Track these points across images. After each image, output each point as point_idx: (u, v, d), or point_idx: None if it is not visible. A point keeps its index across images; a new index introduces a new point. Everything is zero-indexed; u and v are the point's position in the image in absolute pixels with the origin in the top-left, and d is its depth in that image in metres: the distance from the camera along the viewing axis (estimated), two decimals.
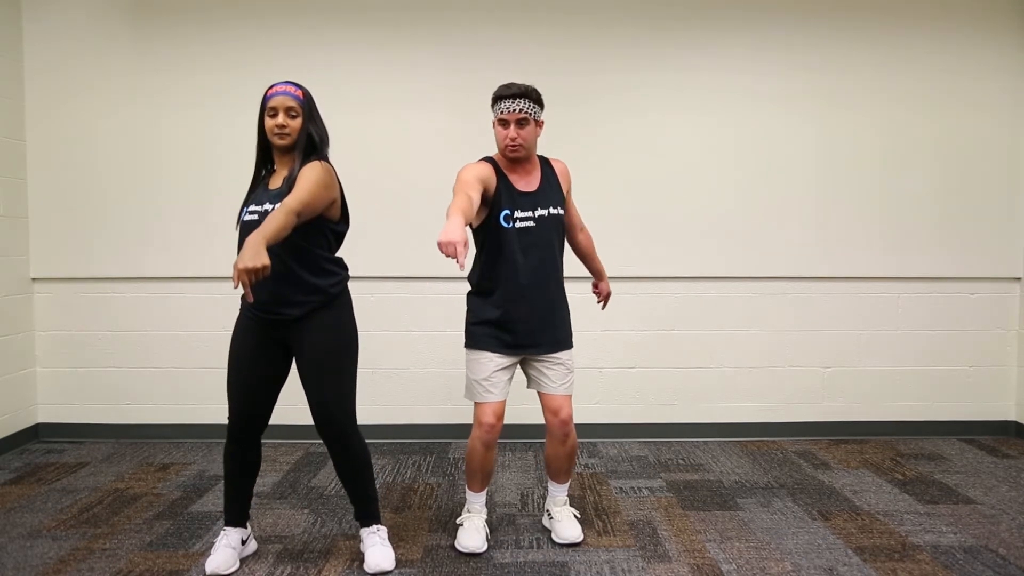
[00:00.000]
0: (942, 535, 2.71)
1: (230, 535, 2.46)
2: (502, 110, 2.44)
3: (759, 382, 4.01)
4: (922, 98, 3.95)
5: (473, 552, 2.54)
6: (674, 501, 3.06)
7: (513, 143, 2.45)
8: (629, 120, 3.90)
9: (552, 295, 2.58)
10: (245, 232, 2.27)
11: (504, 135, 2.46)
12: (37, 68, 3.84)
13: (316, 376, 2.33)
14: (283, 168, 2.36)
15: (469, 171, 2.44)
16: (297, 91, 2.31)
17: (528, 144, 2.48)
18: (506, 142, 2.46)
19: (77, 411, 3.95)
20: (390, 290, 3.93)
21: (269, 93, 2.30)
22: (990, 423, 4.07)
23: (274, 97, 2.28)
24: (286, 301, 2.29)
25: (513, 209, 2.49)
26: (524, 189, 2.53)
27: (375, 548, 2.43)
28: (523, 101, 2.43)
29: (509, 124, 2.44)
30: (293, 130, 2.29)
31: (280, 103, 2.27)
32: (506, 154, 2.49)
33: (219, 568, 2.38)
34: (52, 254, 3.90)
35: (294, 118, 2.29)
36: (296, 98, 2.29)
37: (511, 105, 2.43)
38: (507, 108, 2.43)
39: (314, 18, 3.84)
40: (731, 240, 3.94)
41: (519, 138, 2.44)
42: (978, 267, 4.01)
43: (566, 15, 3.86)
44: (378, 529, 2.49)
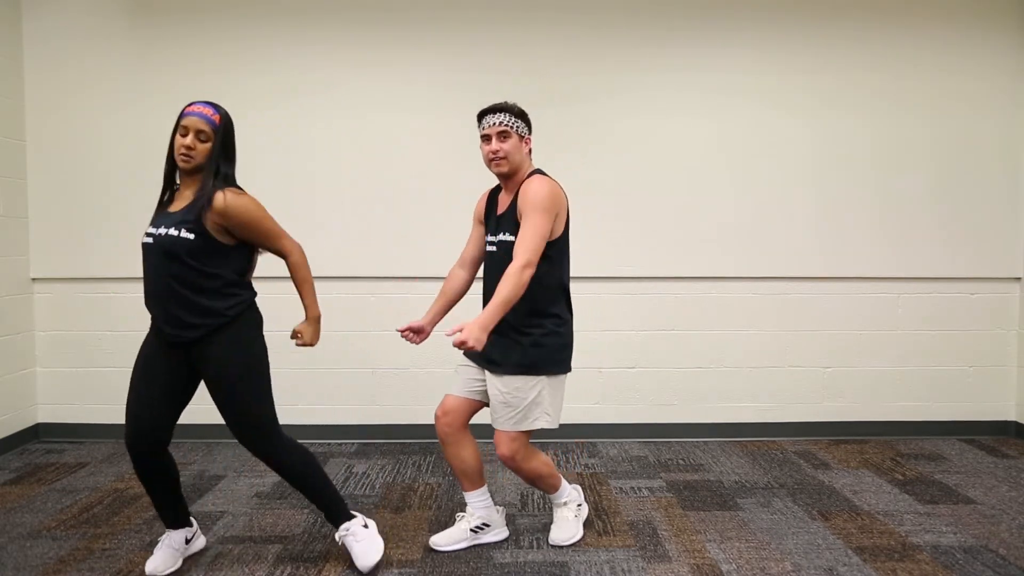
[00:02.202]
0: (942, 535, 2.71)
1: (172, 536, 2.45)
2: (483, 126, 2.43)
3: (759, 382, 4.01)
4: (922, 98, 3.95)
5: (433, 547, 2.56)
6: (674, 501, 3.06)
7: (495, 155, 2.40)
8: (628, 120, 3.90)
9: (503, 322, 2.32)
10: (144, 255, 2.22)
11: (487, 150, 2.42)
12: (37, 68, 3.84)
13: (224, 397, 2.28)
14: (187, 189, 2.26)
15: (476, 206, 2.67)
16: (214, 115, 2.21)
17: (511, 157, 2.40)
18: (489, 156, 2.42)
19: (77, 411, 3.95)
20: (390, 290, 3.92)
21: (186, 111, 2.21)
22: (990, 423, 4.07)
23: (188, 116, 2.19)
24: (180, 323, 2.22)
25: (487, 233, 2.56)
26: (499, 211, 2.52)
27: (356, 547, 2.42)
28: (503, 115, 2.39)
29: (491, 138, 2.41)
30: (199, 154, 2.20)
31: (192, 124, 2.18)
32: (491, 169, 2.45)
33: (158, 569, 2.37)
34: (52, 254, 3.90)
35: (203, 142, 2.20)
36: (211, 123, 2.20)
37: (491, 119, 2.40)
38: (488, 122, 2.41)
39: (314, 18, 3.84)
40: (731, 240, 3.94)
41: (501, 150, 2.39)
42: (978, 267, 4.01)
43: (566, 15, 3.86)
44: (348, 528, 2.44)
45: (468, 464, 2.56)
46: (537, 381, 2.41)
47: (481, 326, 2.20)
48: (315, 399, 3.94)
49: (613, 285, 3.96)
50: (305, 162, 3.88)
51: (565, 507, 2.69)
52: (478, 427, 2.65)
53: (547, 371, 2.42)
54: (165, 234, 2.18)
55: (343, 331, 3.92)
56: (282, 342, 3.94)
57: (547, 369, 2.42)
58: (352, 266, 3.91)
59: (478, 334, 2.18)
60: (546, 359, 2.42)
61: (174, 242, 2.17)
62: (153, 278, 2.22)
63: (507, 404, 2.40)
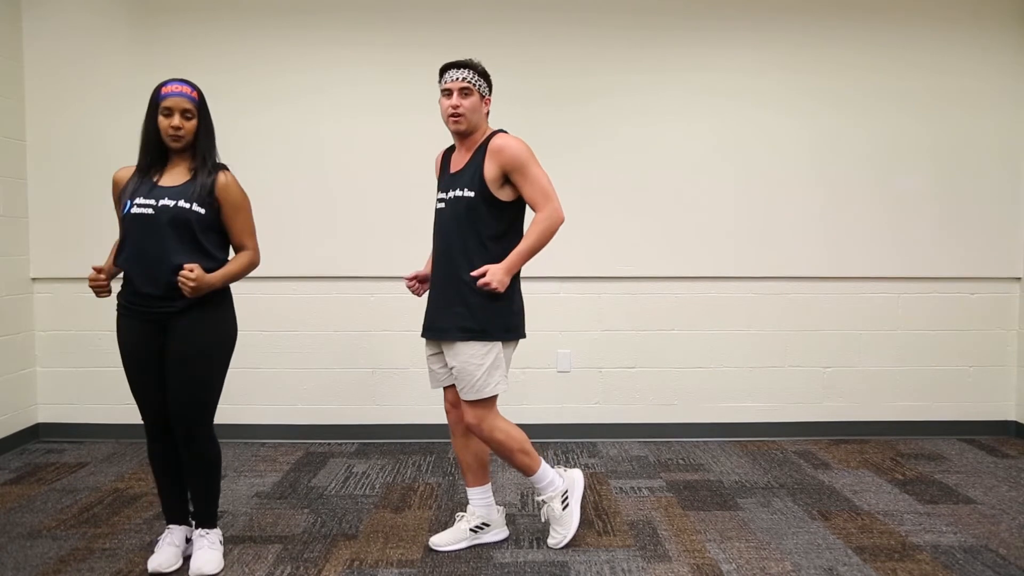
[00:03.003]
0: (942, 535, 2.71)
1: (174, 533, 2.47)
2: (444, 80, 2.41)
3: (759, 382, 4.01)
4: (922, 98, 3.95)
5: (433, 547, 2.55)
6: (674, 501, 3.06)
7: (455, 111, 2.37)
8: (628, 120, 3.89)
9: (451, 282, 2.40)
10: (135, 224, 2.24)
11: (447, 104, 2.39)
12: (37, 68, 3.84)
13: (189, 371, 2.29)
14: (177, 166, 2.32)
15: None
16: (193, 92, 2.28)
17: (470, 115, 2.39)
18: (448, 111, 2.39)
19: (77, 411, 3.95)
20: (390, 290, 3.92)
21: (164, 92, 2.25)
22: (990, 423, 4.07)
23: (169, 97, 2.23)
24: (170, 295, 2.26)
25: (439, 191, 2.51)
26: (453, 169, 2.48)
27: (202, 551, 2.39)
28: (466, 71, 2.38)
29: (452, 93, 2.38)
30: (188, 132, 2.27)
31: (176, 104, 2.23)
32: (448, 125, 2.42)
33: (161, 566, 2.38)
34: (52, 254, 3.90)
35: (189, 120, 2.27)
36: (192, 100, 2.27)
37: (455, 74, 2.39)
38: (450, 77, 2.39)
39: (314, 18, 3.84)
40: (731, 240, 3.94)
41: (461, 107, 2.37)
42: (978, 267, 4.01)
43: (566, 15, 3.86)
44: (207, 533, 2.44)
45: (474, 457, 2.59)
46: (492, 347, 2.40)
47: (505, 269, 2.33)
48: (315, 399, 3.94)
49: (613, 285, 3.96)
50: (305, 162, 3.88)
51: (548, 505, 2.58)
52: None
53: (500, 337, 2.41)
54: (174, 205, 2.24)
55: (343, 331, 3.92)
56: (283, 342, 3.96)
57: (499, 335, 2.41)
58: (352, 266, 3.91)
59: (502, 276, 2.31)
60: (498, 325, 2.41)
61: (185, 214, 2.25)
62: (147, 248, 2.24)
63: (462, 370, 2.39)
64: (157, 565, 2.38)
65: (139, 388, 2.36)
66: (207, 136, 2.34)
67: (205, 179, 2.29)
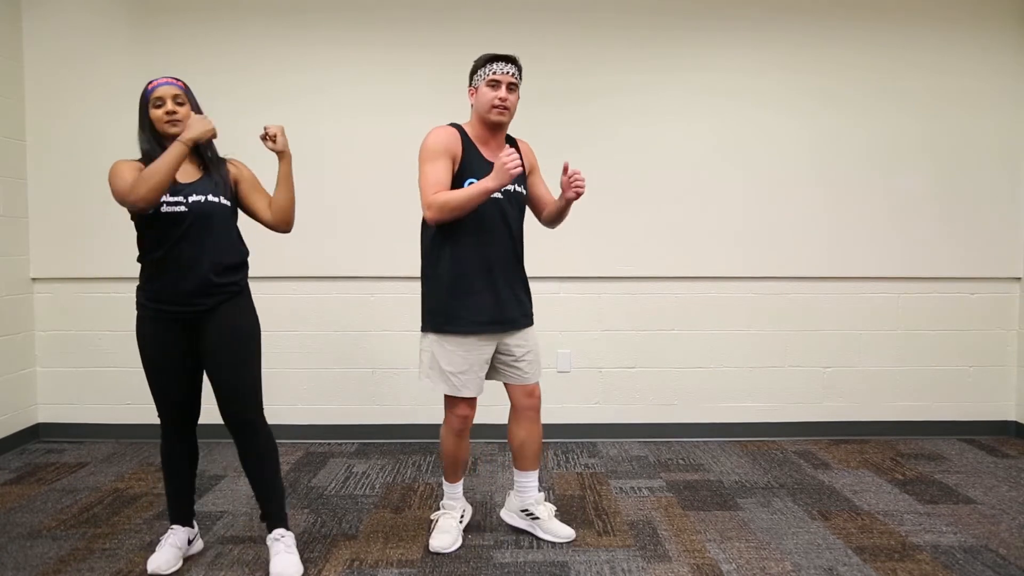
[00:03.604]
0: (942, 535, 2.71)
1: (177, 533, 2.46)
2: (495, 71, 2.40)
3: (759, 382, 4.01)
4: (922, 98, 3.95)
5: (441, 552, 2.54)
6: (674, 501, 3.06)
7: (503, 103, 2.40)
8: (628, 120, 3.89)
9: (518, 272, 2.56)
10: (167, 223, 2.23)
11: (493, 96, 2.40)
12: (37, 68, 3.84)
13: (234, 359, 2.32)
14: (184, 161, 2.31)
15: (436, 140, 2.44)
16: (178, 81, 2.32)
17: (512, 111, 2.45)
18: (495, 102, 2.40)
19: (77, 411, 3.95)
20: (390, 290, 3.92)
21: (151, 87, 2.29)
22: (990, 423, 4.06)
23: (158, 88, 2.27)
24: (204, 291, 2.27)
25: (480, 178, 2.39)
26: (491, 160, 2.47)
27: (279, 556, 2.37)
28: (515, 67, 2.44)
29: (501, 85, 2.40)
30: (184, 116, 2.28)
31: (166, 92, 2.27)
32: (490, 115, 2.42)
33: (160, 568, 2.37)
34: (52, 254, 3.89)
35: (181, 105, 2.29)
36: (179, 87, 2.31)
37: (506, 67, 2.41)
38: (501, 69, 2.41)
39: (314, 18, 3.84)
40: (731, 240, 3.94)
41: (508, 100, 2.41)
42: (978, 267, 4.01)
43: (566, 16, 3.86)
44: (283, 535, 2.42)
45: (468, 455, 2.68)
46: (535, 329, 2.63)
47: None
48: (315, 399, 3.94)
49: (613, 285, 3.96)
50: (305, 162, 3.87)
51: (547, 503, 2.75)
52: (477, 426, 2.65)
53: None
54: (205, 200, 2.26)
55: (343, 331, 3.92)
56: (283, 342, 3.96)
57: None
58: (352, 266, 3.91)
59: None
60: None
61: (216, 208, 2.28)
62: (184, 246, 2.25)
63: (535, 353, 2.60)
64: (157, 566, 2.37)
65: (164, 388, 2.35)
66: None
67: (221, 171, 2.35)
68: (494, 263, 2.47)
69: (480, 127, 2.50)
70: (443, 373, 2.47)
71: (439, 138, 2.45)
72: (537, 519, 2.67)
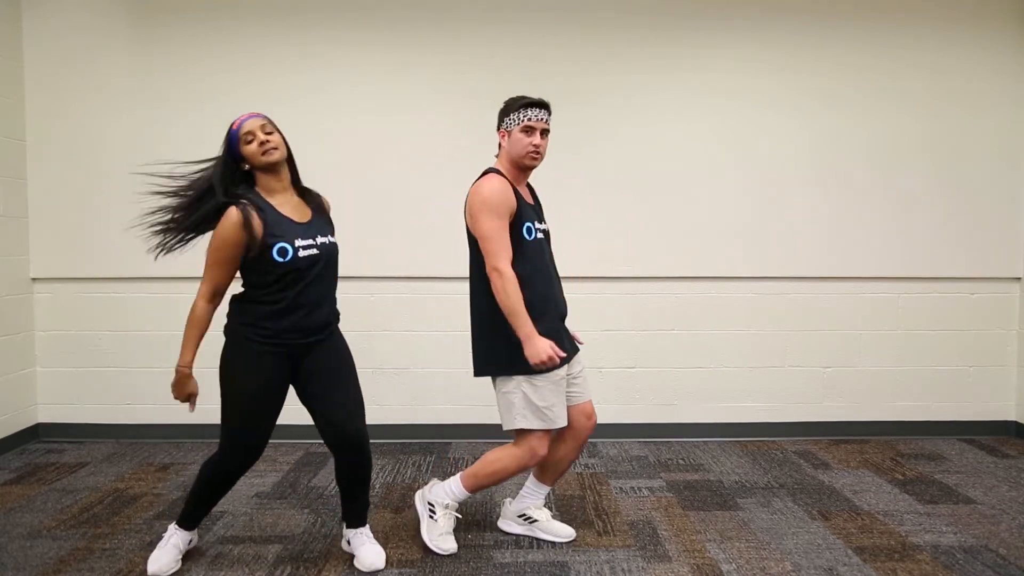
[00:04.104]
0: (942, 535, 2.71)
1: (180, 536, 2.47)
2: (530, 117, 2.43)
3: (759, 382, 4.01)
4: (922, 98, 3.95)
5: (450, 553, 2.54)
6: (674, 501, 3.06)
7: (536, 150, 2.45)
8: (628, 120, 3.89)
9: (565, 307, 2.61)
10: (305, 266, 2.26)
11: (528, 142, 2.44)
12: (37, 68, 3.84)
13: (346, 383, 2.41)
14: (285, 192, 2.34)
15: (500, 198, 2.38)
16: (260, 114, 2.32)
17: (543, 157, 2.50)
18: (529, 149, 2.44)
19: (77, 411, 3.95)
20: (390, 290, 3.92)
21: (236, 125, 2.26)
22: (990, 423, 4.06)
23: (245, 123, 2.26)
24: (322, 327, 2.37)
25: (532, 221, 2.49)
26: (529, 202, 2.55)
27: (365, 547, 2.47)
28: (548, 113, 2.49)
29: (535, 131, 2.44)
30: (278, 143, 2.27)
31: (253, 125, 2.26)
32: (524, 162, 2.47)
33: (163, 569, 2.38)
34: (52, 254, 3.89)
35: (271, 134, 2.26)
36: (263, 118, 2.30)
37: (541, 114, 2.46)
38: (536, 116, 2.44)
39: (315, 18, 3.84)
40: (731, 240, 3.94)
41: (541, 146, 2.46)
42: (978, 267, 4.01)
43: (566, 15, 3.86)
44: (365, 529, 2.53)
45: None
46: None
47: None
48: None
49: (613, 285, 3.96)
50: (305, 163, 3.86)
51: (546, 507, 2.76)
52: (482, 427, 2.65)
53: None
54: (329, 242, 2.36)
55: (343, 331, 3.91)
56: None
57: None
58: (352, 266, 3.88)
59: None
60: None
61: (334, 249, 2.38)
62: (314, 286, 2.31)
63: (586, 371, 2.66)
64: (159, 568, 2.38)
65: (262, 417, 2.34)
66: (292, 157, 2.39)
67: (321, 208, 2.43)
68: (558, 300, 2.55)
69: (513, 169, 2.52)
70: (538, 411, 2.42)
71: (501, 195, 2.40)
72: (535, 521, 2.67)
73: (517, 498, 2.73)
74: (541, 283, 2.47)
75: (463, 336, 4.21)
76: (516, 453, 2.47)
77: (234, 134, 2.26)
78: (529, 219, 2.47)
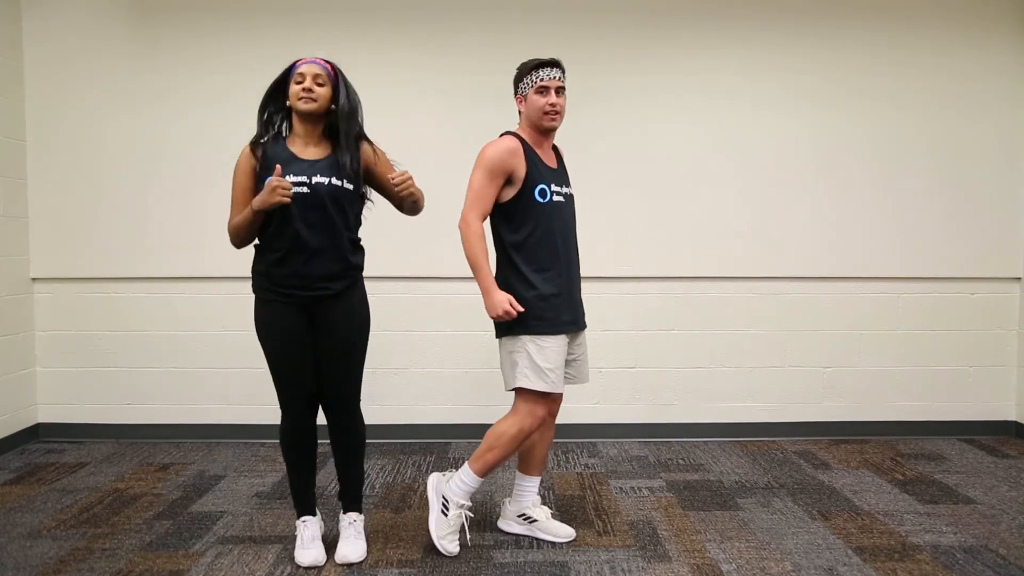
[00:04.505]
0: (942, 535, 2.71)
1: (311, 525, 2.51)
2: (542, 77, 2.44)
3: (759, 382, 4.01)
4: (922, 98, 3.95)
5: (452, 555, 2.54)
6: (674, 501, 3.06)
7: (554, 108, 2.45)
8: (628, 120, 3.89)
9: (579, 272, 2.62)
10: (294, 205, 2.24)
11: (544, 101, 2.44)
12: (37, 68, 3.84)
13: (344, 352, 2.40)
14: (308, 137, 2.36)
15: (497, 155, 2.43)
16: (326, 64, 2.35)
17: (563, 114, 2.50)
18: (546, 108, 2.44)
19: (77, 411, 3.95)
20: (390, 290, 3.92)
21: (298, 63, 2.34)
22: (990, 423, 4.06)
23: (303, 65, 2.32)
24: (329, 276, 2.33)
25: (548, 183, 2.48)
26: (551, 165, 2.55)
27: (349, 540, 2.50)
28: (560, 71, 2.48)
29: (550, 91, 2.44)
30: (320, 96, 2.30)
31: (309, 70, 2.30)
32: (543, 122, 2.47)
33: (317, 560, 2.44)
34: (52, 254, 3.89)
35: (321, 86, 2.31)
36: (325, 68, 2.33)
37: (554, 72, 2.46)
38: (549, 75, 2.45)
39: (315, 18, 3.84)
40: (731, 240, 3.94)
41: (559, 105, 2.45)
42: (978, 267, 4.01)
43: (567, 16, 3.86)
44: (356, 519, 2.56)
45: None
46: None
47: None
48: None
49: (613, 285, 3.96)
50: None
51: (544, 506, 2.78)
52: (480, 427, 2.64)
53: None
54: (328, 183, 2.28)
55: None
56: None
57: None
58: None
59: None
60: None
61: (338, 191, 2.30)
62: (307, 228, 2.27)
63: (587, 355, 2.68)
64: (314, 560, 2.43)
65: (291, 373, 2.37)
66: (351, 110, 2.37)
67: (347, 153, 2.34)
68: (568, 263, 2.53)
69: (533, 133, 2.53)
70: (540, 372, 2.45)
71: (500, 156, 2.44)
72: (535, 521, 2.67)
73: (513, 498, 2.73)
74: (557, 243, 2.48)
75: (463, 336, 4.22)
76: (515, 418, 2.51)
77: (292, 68, 2.34)
78: (545, 181, 2.47)
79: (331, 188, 2.29)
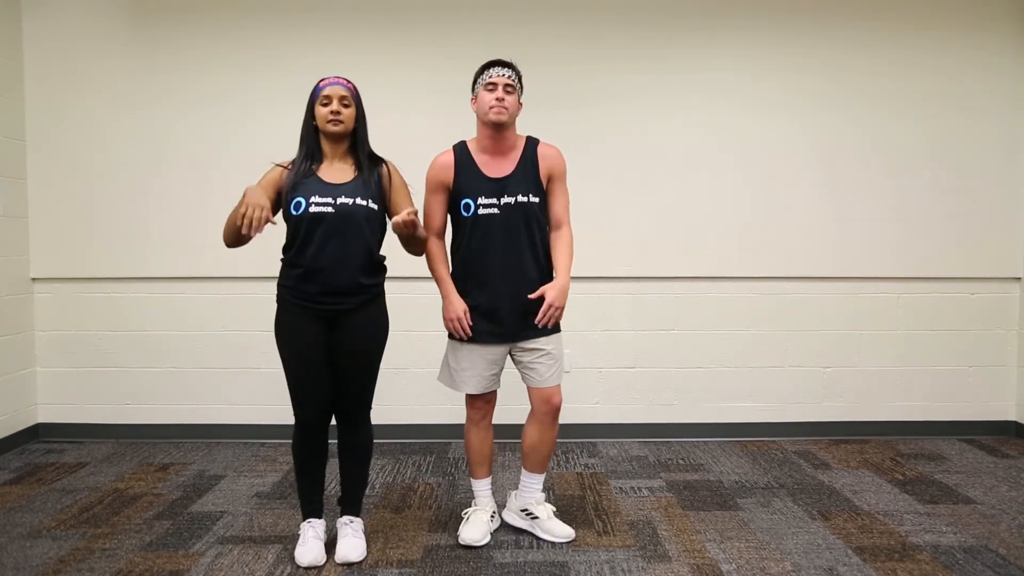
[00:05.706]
0: (942, 535, 2.71)
1: (316, 526, 2.53)
2: (491, 75, 2.46)
3: (759, 382, 4.01)
4: (922, 99, 3.94)
5: (471, 545, 2.56)
6: (674, 501, 3.06)
7: (500, 103, 2.43)
8: (629, 120, 3.89)
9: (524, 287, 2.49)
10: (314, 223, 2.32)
11: (490, 97, 2.44)
12: (37, 68, 3.84)
13: (359, 366, 2.44)
14: (336, 159, 2.43)
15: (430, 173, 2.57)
16: (349, 84, 2.42)
17: (512, 112, 2.47)
18: (492, 103, 2.43)
19: (77, 411, 3.95)
20: (390, 290, 3.88)
21: (322, 84, 2.41)
22: (990, 423, 4.06)
23: (328, 87, 2.38)
24: (345, 292, 2.37)
25: (476, 196, 2.49)
26: (492, 175, 2.51)
27: (348, 538, 2.51)
28: (511, 71, 2.49)
29: (497, 87, 2.44)
30: (347, 118, 2.38)
31: (334, 92, 2.37)
32: (489, 117, 2.45)
33: (316, 560, 2.44)
34: (52, 254, 3.89)
35: (347, 107, 2.39)
36: (348, 89, 2.41)
37: (501, 71, 2.47)
38: (497, 73, 2.46)
39: (315, 19, 3.84)
40: (731, 240, 3.94)
41: (505, 100, 2.43)
42: (978, 267, 4.01)
43: (566, 16, 3.86)
44: (352, 521, 2.57)
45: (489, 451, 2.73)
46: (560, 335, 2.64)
47: (563, 289, 2.49)
48: None
49: (613, 285, 3.96)
50: None
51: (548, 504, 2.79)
52: None
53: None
54: (353, 203, 2.34)
55: None
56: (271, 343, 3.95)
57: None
58: None
59: (563, 299, 2.49)
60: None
61: (361, 212, 2.35)
62: (328, 247, 2.33)
63: (554, 358, 2.58)
64: (313, 559, 2.44)
65: (309, 382, 2.41)
66: (363, 127, 2.46)
67: (371, 175, 2.42)
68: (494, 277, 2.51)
69: (485, 137, 2.53)
70: (448, 369, 2.63)
71: (432, 171, 2.57)
72: (536, 518, 2.67)
73: (518, 492, 2.75)
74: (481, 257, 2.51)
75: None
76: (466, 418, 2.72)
77: (317, 90, 2.40)
78: (471, 194, 2.50)
79: (355, 208, 2.36)
